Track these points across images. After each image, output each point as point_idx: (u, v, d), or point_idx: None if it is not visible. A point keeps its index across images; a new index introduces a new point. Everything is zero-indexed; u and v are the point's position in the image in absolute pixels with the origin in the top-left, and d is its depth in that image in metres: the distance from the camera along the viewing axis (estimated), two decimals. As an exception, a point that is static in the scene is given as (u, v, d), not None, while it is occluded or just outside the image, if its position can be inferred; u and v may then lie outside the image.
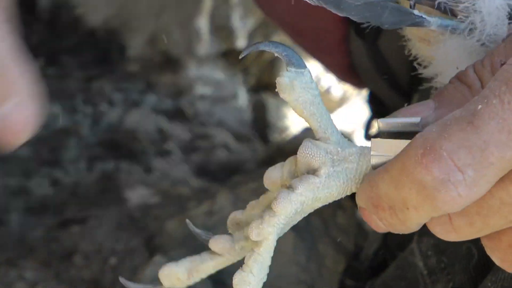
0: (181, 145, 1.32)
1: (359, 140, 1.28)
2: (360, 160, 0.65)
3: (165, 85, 1.39)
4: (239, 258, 0.68)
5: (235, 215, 0.69)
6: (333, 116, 1.40)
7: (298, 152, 0.65)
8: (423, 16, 0.68)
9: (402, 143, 0.63)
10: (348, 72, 1.13)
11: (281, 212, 0.64)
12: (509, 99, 0.57)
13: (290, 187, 0.64)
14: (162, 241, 1.10)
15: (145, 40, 1.38)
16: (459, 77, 0.66)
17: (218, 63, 1.40)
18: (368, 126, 1.12)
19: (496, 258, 0.65)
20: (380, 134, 0.65)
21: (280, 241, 1.01)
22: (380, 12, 0.67)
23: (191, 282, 0.70)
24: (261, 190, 0.74)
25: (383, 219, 0.63)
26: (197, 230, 0.70)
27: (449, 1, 0.68)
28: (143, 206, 1.17)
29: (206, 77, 1.41)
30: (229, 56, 1.40)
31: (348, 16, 0.65)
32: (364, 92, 1.24)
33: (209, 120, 1.39)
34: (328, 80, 1.54)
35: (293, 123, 1.54)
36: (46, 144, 1.33)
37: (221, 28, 1.38)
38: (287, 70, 0.64)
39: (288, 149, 1.20)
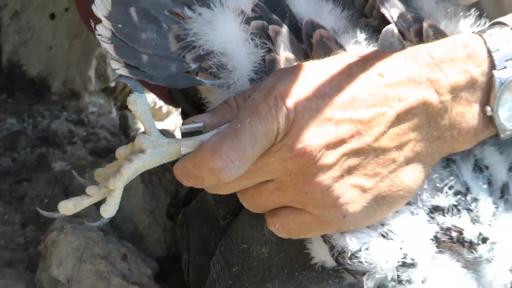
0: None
1: (178, 135, 1.04)
2: (168, 147, 0.76)
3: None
4: (101, 198, 0.79)
5: (99, 170, 0.79)
6: (163, 123, 1.72)
7: (135, 140, 0.76)
8: (201, 79, 0.81)
9: (196, 141, 0.76)
10: (169, 98, 1.32)
11: (125, 174, 0.76)
12: (252, 120, 0.73)
13: (130, 160, 0.75)
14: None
15: None
16: (226, 101, 0.80)
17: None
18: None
19: (245, 204, 0.81)
20: (183, 135, 0.78)
21: (134, 190, 1.19)
22: (177, 79, 0.78)
23: (75, 211, 0.78)
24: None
25: (191, 182, 0.77)
26: (82, 180, 0.80)
27: (217, 72, 0.81)
28: None
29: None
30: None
31: (157, 83, 0.77)
32: (179, 109, 1.43)
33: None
34: (160, 102, 1.79)
35: (141, 126, 1.58)
36: None
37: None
38: (133, 94, 0.75)
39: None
